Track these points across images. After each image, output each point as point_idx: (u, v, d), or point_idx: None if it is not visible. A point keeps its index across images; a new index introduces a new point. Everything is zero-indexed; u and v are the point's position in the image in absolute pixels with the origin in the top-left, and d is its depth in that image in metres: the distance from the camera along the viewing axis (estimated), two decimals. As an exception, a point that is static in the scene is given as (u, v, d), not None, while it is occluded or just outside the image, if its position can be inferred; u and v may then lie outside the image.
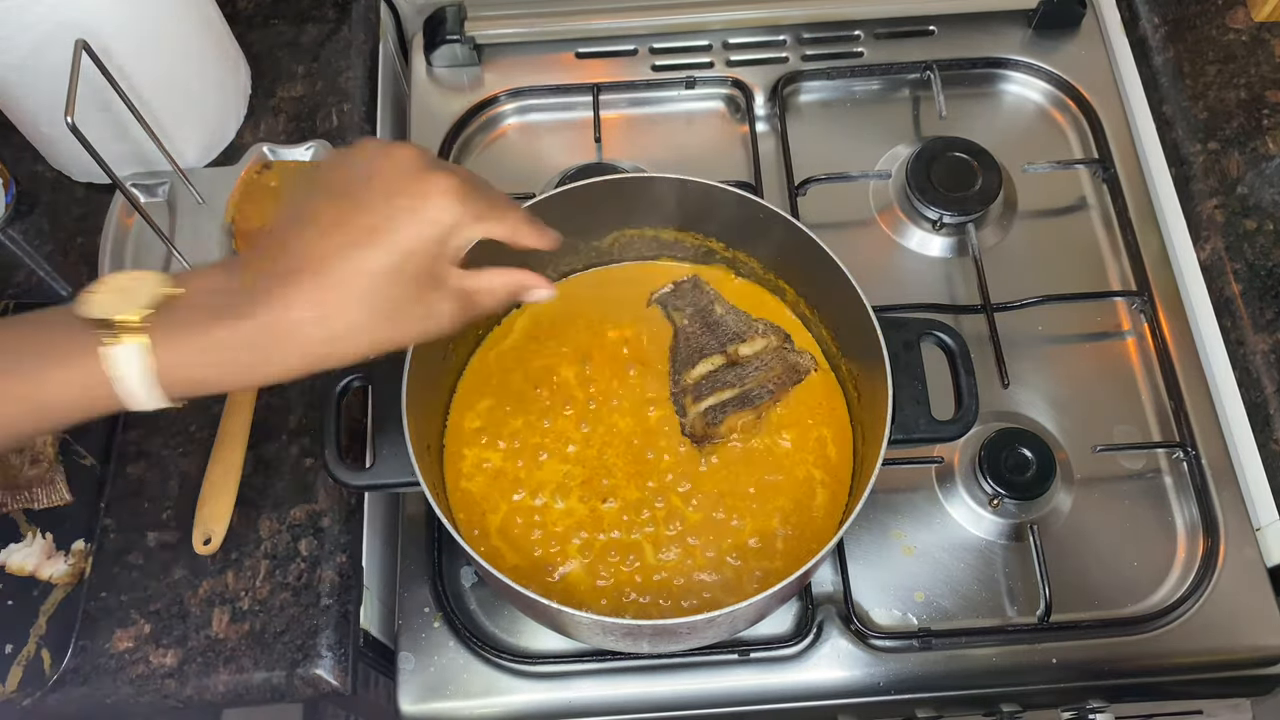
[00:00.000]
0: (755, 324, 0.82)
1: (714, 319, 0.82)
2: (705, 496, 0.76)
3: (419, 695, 0.77)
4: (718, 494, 0.76)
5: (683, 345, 0.81)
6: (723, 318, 0.82)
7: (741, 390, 0.79)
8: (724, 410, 0.77)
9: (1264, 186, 0.90)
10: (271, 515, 0.79)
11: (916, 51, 1.03)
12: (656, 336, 0.82)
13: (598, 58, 1.04)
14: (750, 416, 0.78)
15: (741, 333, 0.81)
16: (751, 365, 0.80)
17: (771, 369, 0.79)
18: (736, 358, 0.80)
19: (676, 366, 0.81)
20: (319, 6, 1.01)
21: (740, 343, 0.81)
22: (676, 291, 0.84)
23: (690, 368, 0.80)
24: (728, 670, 0.78)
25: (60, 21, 0.75)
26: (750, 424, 0.78)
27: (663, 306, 0.84)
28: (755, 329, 0.81)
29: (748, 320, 0.82)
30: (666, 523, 0.75)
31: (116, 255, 0.87)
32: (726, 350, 0.80)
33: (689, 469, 0.77)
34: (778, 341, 0.81)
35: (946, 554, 0.82)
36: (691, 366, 0.80)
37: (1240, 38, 0.97)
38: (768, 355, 0.80)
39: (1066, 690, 0.79)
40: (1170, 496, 0.84)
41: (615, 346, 0.82)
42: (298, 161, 0.91)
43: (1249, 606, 0.79)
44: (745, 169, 0.98)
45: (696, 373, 0.80)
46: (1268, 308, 0.85)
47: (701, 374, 0.80)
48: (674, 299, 0.83)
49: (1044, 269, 0.92)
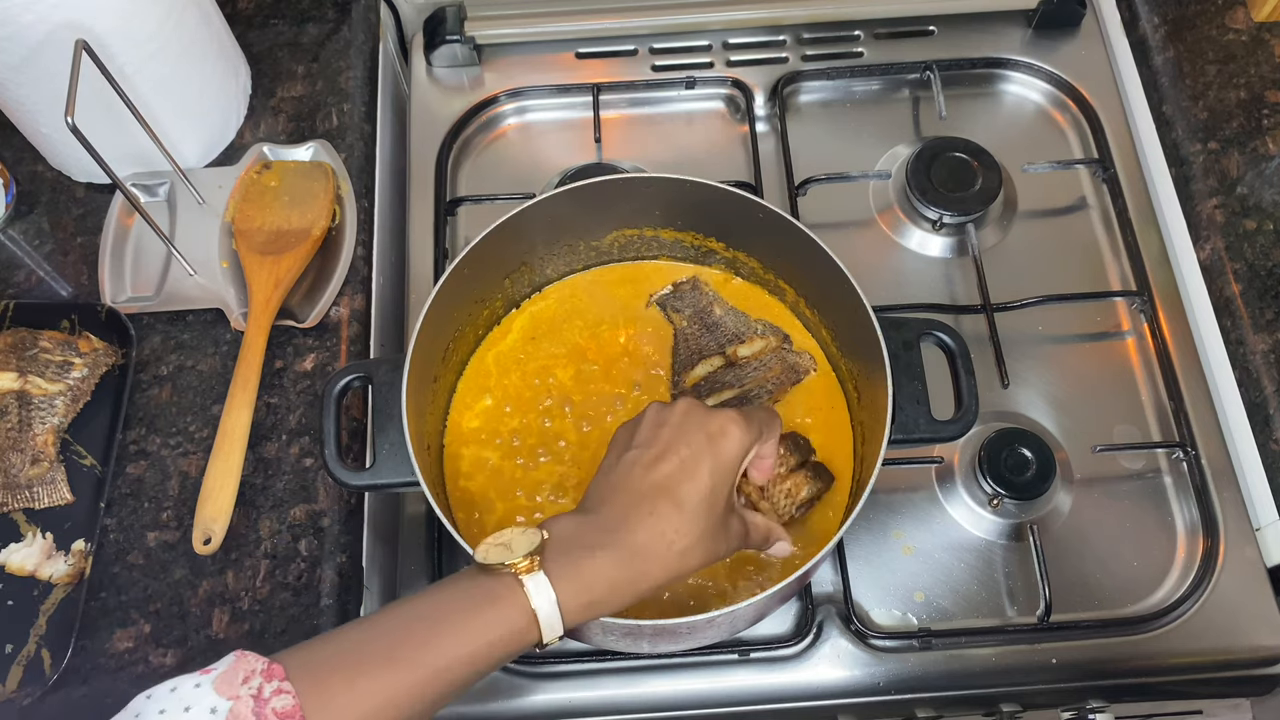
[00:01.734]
0: (754, 325, 0.82)
1: (713, 320, 0.82)
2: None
3: (419, 695, 0.77)
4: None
5: (682, 346, 0.81)
6: (721, 319, 0.82)
7: (741, 390, 0.79)
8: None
9: (1264, 186, 0.90)
10: (271, 515, 0.79)
11: (916, 51, 1.03)
12: (655, 337, 0.83)
13: (598, 58, 1.04)
14: None
15: (740, 333, 0.81)
16: (750, 366, 0.80)
17: (770, 369, 0.80)
18: (735, 358, 0.80)
19: (676, 367, 0.81)
20: (319, 6, 1.01)
21: (739, 344, 0.81)
22: (676, 293, 0.84)
23: (690, 369, 0.80)
24: (728, 670, 0.78)
25: (60, 21, 0.75)
26: None
27: (662, 308, 0.84)
28: (754, 330, 0.81)
29: (746, 321, 0.82)
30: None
31: (116, 255, 0.87)
32: (725, 351, 0.80)
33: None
34: (776, 342, 0.81)
35: (946, 554, 0.82)
36: (691, 367, 0.80)
37: (1240, 38, 0.97)
38: (767, 356, 0.80)
39: (1066, 690, 0.79)
40: (1170, 496, 0.84)
41: (614, 346, 0.82)
42: (297, 161, 0.91)
43: (1249, 606, 0.79)
44: (745, 169, 0.98)
45: (696, 374, 0.80)
46: (1268, 308, 0.85)
47: (701, 375, 0.80)
48: (673, 300, 0.83)
49: (1044, 269, 0.92)
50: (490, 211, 0.94)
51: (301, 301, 0.86)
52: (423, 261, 0.93)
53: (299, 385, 0.84)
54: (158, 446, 0.81)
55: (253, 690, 0.49)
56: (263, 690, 0.49)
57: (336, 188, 0.90)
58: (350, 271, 0.88)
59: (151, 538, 0.78)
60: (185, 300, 0.85)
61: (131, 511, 0.79)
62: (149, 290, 0.86)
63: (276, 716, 0.48)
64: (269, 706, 0.48)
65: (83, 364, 0.82)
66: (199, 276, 0.85)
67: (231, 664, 0.50)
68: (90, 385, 0.82)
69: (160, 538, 0.78)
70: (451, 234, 0.95)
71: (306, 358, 0.85)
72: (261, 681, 0.49)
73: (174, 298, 0.85)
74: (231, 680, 0.49)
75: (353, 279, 0.88)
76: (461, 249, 0.74)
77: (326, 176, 0.90)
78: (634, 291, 0.85)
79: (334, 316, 0.86)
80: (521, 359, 0.82)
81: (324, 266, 0.88)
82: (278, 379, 0.84)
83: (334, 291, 0.87)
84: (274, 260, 0.85)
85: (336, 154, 0.92)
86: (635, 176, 0.81)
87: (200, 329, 0.85)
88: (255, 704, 0.48)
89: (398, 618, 0.54)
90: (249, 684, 0.49)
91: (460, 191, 0.98)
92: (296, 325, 0.85)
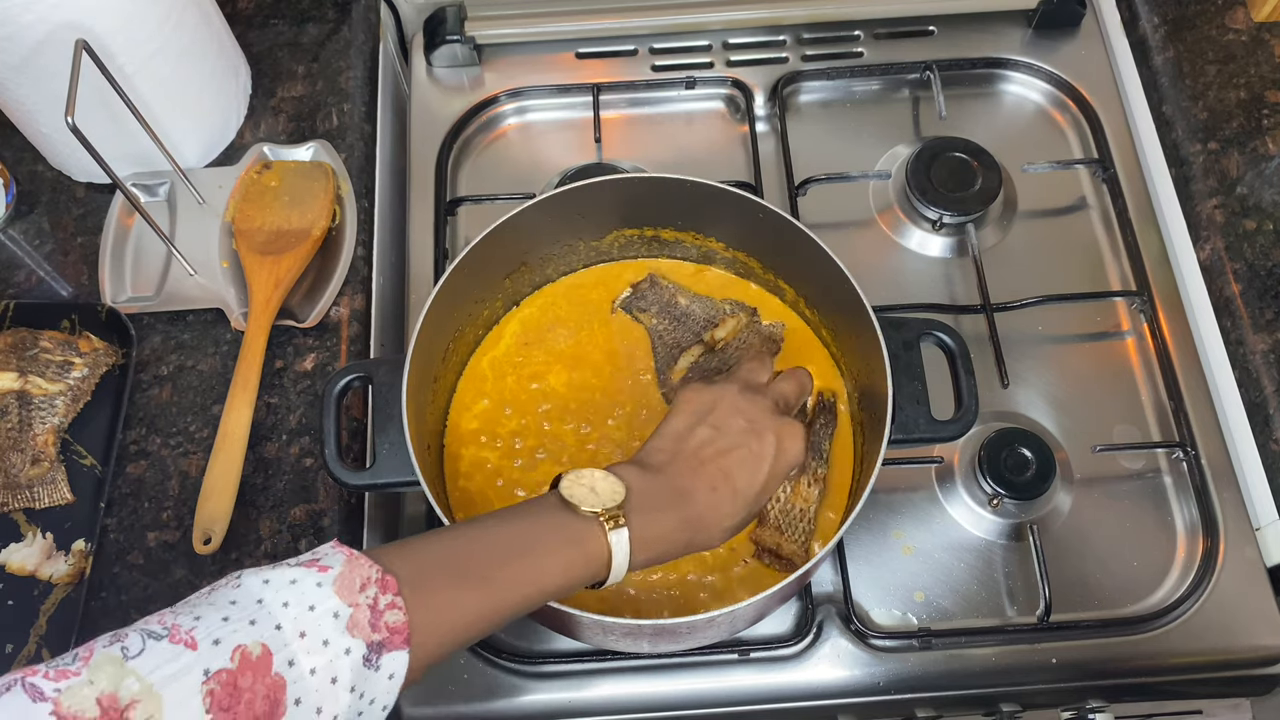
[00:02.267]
0: (722, 306, 0.82)
1: (680, 311, 0.82)
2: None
3: (420, 696, 0.77)
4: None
5: (658, 344, 0.81)
6: (689, 308, 0.82)
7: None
8: None
9: (1264, 186, 0.90)
10: (271, 515, 0.79)
11: (916, 51, 1.03)
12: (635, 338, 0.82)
13: (598, 58, 1.04)
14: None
15: (712, 317, 0.81)
16: (731, 347, 0.80)
17: (751, 345, 0.80)
18: (714, 342, 0.81)
19: (659, 366, 0.81)
20: (319, 6, 1.01)
21: (713, 327, 0.81)
22: (636, 294, 0.84)
23: (672, 364, 0.80)
24: (728, 670, 0.78)
25: (60, 21, 0.75)
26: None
27: (627, 311, 0.83)
28: (723, 310, 0.82)
29: (714, 304, 0.82)
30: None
31: (117, 255, 0.87)
32: (703, 338, 0.81)
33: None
34: (746, 317, 0.81)
35: (946, 554, 0.82)
36: (674, 363, 0.80)
37: (1240, 38, 0.97)
38: (743, 333, 0.81)
39: (1066, 690, 0.79)
40: (1170, 496, 0.84)
41: (599, 351, 0.82)
42: (297, 161, 0.91)
43: (1249, 606, 0.79)
44: (745, 169, 0.98)
45: (680, 368, 0.80)
46: (1268, 308, 0.85)
47: (685, 367, 0.80)
48: (636, 301, 0.83)
49: (1044, 269, 0.92)
50: (490, 211, 0.94)
51: (302, 301, 0.86)
52: (423, 261, 0.93)
53: (299, 385, 0.84)
54: (158, 446, 0.81)
55: (369, 600, 0.49)
56: (378, 602, 0.50)
57: (336, 188, 0.90)
58: (350, 271, 0.88)
59: (152, 537, 0.78)
60: (185, 300, 0.85)
61: (132, 511, 0.79)
62: (149, 290, 0.86)
63: (389, 630, 0.49)
64: (383, 619, 0.49)
65: (83, 364, 0.82)
66: (199, 276, 0.85)
67: (345, 566, 0.50)
68: (90, 385, 0.82)
69: (160, 538, 0.78)
70: (451, 234, 0.95)
71: (306, 358, 0.85)
72: (377, 592, 0.50)
73: (174, 298, 0.85)
74: (349, 585, 0.49)
75: (353, 279, 0.88)
76: (461, 249, 0.74)
77: (326, 176, 0.90)
78: (606, 295, 0.84)
79: (334, 316, 0.86)
80: (519, 362, 0.82)
81: (324, 266, 0.88)
82: (278, 379, 0.84)
83: (334, 291, 0.87)
84: (274, 260, 0.85)
85: (336, 154, 0.92)
86: (635, 176, 0.81)
87: (200, 329, 0.85)
88: (371, 615, 0.49)
89: (495, 540, 0.56)
90: (365, 592, 0.50)
91: (460, 191, 0.98)
92: (297, 325, 0.85)
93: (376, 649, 0.49)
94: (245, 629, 0.46)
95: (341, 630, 0.48)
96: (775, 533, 0.73)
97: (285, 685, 0.46)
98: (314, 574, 0.49)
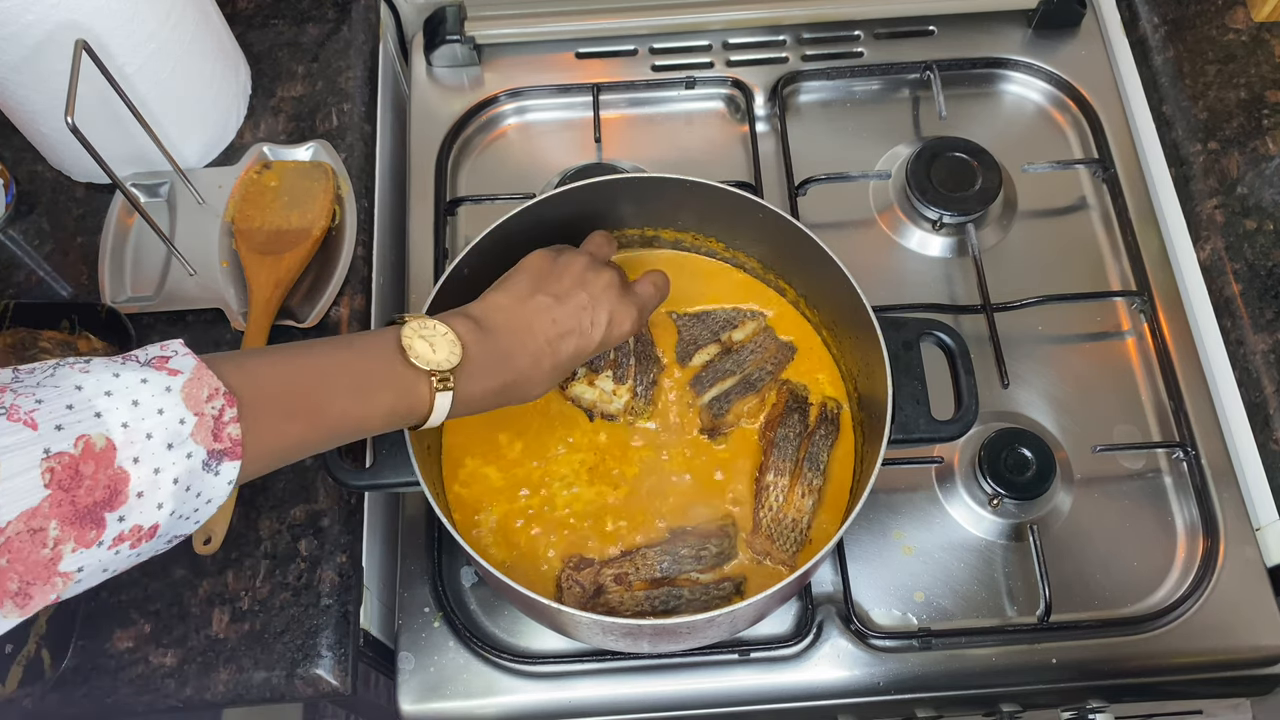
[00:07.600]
0: (742, 309, 0.82)
1: (705, 310, 0.82)
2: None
3: (419, 695, 0.77)
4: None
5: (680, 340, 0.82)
6: (712, 307, 0.82)
7: (742, 376, 0.79)
8: (728, 400, 0.78)
9: (1264, 186, 0.90)
10: (271, 515, 0.79)
11: (916, 51, 1.03)
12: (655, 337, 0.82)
13: (598, 58, 1.04)
14: (754, 401, 0.78)
15: (731, 319, 0.82)
16: (747, 349, 0.80)
17: (767, 350, 0.80)
18: (731, 344, 0.81)
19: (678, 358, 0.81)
20: (319, 6, 1.01)
21: (732, 329, 0.81)
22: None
23: (688, 359, 0.80)
24: (728, 670, 0.78)
25: (60, 21, 0.75)
26: (755, 408, 0.78)
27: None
28: (743, 314, 0.82)
29: (735, 307, 0.83)
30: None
31: (116, 255, 0.87)
32: (720, 338, 0.81)
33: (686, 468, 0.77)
34: (765, 324, 0.82)
35: (946, 554, 0.82)
36: (689, 358, 0.80)
37: (1240, 38, 0.97)
38: (760, 336, 0.81)
39: (1066, 690, 0.79)
40: (1170, 496, 0.84)
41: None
42: (297, 161, 0.91)
43: (1249, 606, 0.79)
44: (745, 169, 0.98)
45: (694, 364, 0.80)
46: (1268, 308, 0.85)
47: (700, 364, 0.80)
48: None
49: (1044, 269, 0.92)
50: (490, 211, 0.94)
51: (301, 301, 0.86)
52: (423, 261, 0.93)
53: (299, 385, 0.83)
54: (158, 446, 0.81)
55: (215, 410, 0.51)
56: (223, 414, 0.51)
57: (336, 188, 0.90)
58: (350, 271, 0.88)
59: (151, 538, 0.78)
60: (185, 300, 0.85)
61: (131, 511, 0.79)
62: (149, 290, 0.86)
63: (230, 442, 0.51)
64: (226, 431, 0.51)
65: (83, 364, 0.82)
66: (199, 276, 0.85)
67: (194, 374, 0.51)
68: (90, 385, 0.82)
69: (160, 538, 0.78)
70: (451, 234, 0.95)
71: (306, 358, 0.84)
72: (223, 404, 0.51)
73: (174, 298, 0.85)
74: (196, 394, 0.50)
75: (353, 279, 0.88)
76: (461, 249, 0.74)
77: (326, 176, 0.90)
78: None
79: (334, 316, 0.86)
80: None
81: (324, 266, 0.88)
82: (278, 379, 0.84)
83: (334, 291, 0.87)
84: (274, 260, 0.85)
85: (336, 154, 0.92)
86: (635, 176, 0.81)
87: (200, 329, 0.85)
88: (215, 425, 0.50)
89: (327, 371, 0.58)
90: (211, 404, 0.51)
91: (460, 191, 0.98)
92: (297, 325, 0.85)
93: (217, 456, 0.50)
94: (90, 420, 0.47)
95: (185, 438, 0.49)
96: (766, 541, 0.73)
97: (129, 480, 0.47)
98: (164, 377, 0.50)
